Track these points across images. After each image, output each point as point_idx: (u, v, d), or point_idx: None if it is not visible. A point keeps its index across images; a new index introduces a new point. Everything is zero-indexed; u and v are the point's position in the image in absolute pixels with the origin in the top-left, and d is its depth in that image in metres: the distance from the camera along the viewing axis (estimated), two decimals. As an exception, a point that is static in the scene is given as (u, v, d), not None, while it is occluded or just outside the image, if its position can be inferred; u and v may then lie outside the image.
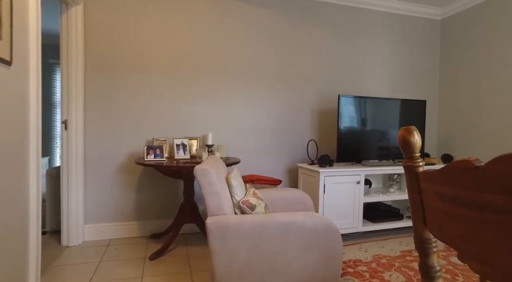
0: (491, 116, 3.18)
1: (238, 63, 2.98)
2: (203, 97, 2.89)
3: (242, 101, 3.01)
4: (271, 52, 3.08)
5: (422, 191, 0.52)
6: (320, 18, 3.24)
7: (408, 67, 3.66)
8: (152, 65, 2.74)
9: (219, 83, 2.92)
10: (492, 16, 3.17)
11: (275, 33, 3.08)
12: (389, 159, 3.06)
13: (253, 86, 3.03)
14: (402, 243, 2.67)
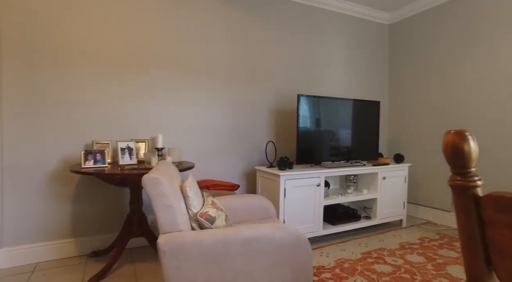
0: (435, 117, 3.36)
1: (192, 59, 2.73)
2: (152, 95, 2.59)
3: (196, 100, 2.77)
4: (228, 48, 2.89)
5: (485, 222, 0.39)
6: (279, 15, 3.13)
7: (362, 69, 3.73)
8: (91, 56, 2.37)
9: (170, 79, 2.65)
10: (435, 24, 3.35)
11: (233, 29, 2.90)
12: (346, 159, 3.06)
13: (208, 84, 2.81)
14: (361, 244, 2.66)
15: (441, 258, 2.38)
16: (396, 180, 3.15)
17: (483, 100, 2.95)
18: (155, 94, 2.60)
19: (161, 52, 2.61)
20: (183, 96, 2.71)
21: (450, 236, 2.89)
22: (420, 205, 3.51)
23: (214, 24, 2.81)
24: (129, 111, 2.51)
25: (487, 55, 2.91)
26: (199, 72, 2.77)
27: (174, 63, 2.66)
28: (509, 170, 2.76)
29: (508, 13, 2.75)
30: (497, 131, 2.84)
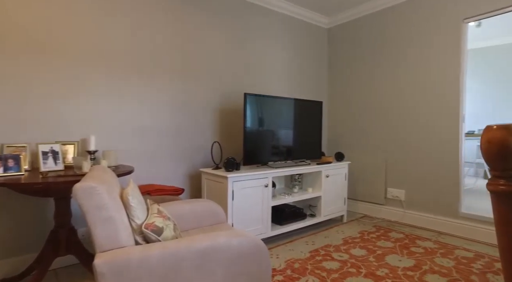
0: (371, 117, 3.60)
1: (132, 52, 2.47)
2: (82, 91, 2.27)
3: (134, 97, 2.51)
4: (172, 45, 2.68)
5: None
6: (225, 11, 3.03)
7: (305, 70, 3.82)
8: (3, 41, 1.97)
9: (105, 74, 2.35)
10: (370, 29, 3.60)
11: (176, 23, 2.70)
12: (292, 159, 3.09)
13: (148, 80, 2.57)
14: (308, 242, 2.70)
15: (380, 249, 2.53)
16: (338, 178, 3.28)
17: (416, 101, 3.24)
18: (85, 90, 2.28)
19: (95, 40, 2.30)
20: (120, 93, 2.43)
21: (385, 227, 3.11)
22: (358, 200, 3.73)
23: (156, 17, 2.59)
24: (55, 110, 2.15)
25: (419, 58, 3.21)
26: (139, 67, 2.51)
27: (110, 55, 2.37)
28: (435, 166, 3.08)
29: (436, 19, 3.07)
30: (427, 131, 3.15)
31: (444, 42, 2.98)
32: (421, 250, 2.51)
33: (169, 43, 2.68)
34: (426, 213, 3.13)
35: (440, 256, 2.39)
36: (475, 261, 2.31)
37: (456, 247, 2.58)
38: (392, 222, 3.30)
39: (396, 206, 3.37)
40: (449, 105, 2.95)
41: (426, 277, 2.04)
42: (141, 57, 2.53)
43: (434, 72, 3.06)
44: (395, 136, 3.38)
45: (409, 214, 3.25)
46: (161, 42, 2.63)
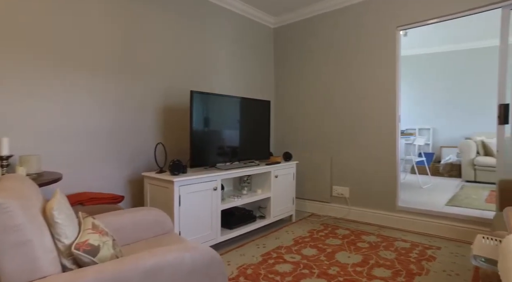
0: (316, 116, 3.68)
1: (58, 40, 2.12)
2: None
3: (61, 94, 2.17)
4: (108, 35, 2.38)
5: None
6: (172, 5, 2.80)
7: (252, 69, 3.76)
8: None
9: (22, 64, 1.98)
10: (315, 31, 3.68)
11: (114, 12, 2.40)
12: (240, 160, 2.99)
13: (78, 73, 2.25)
14: (259, 245, 2.63)
15: (329, 247, 2.57)
16: (286, 178, 3.28)
17: (358, 101, 3.38)
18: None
19: (8, 26, 1.91)
20: (45, 90, 2.07)
21: (332, 224, 3.20)
22: (305, 199, 3.78)
23: (89, 2, 2.27)
24: (-51, 104, 1.74)
25: (360, 61, 3.35)
26: (67, 58, 2.17)
27: (29, 43, 2.00)
28: (376, 163, 3.25)
29: (375, 25, 3.23)
30: (368, 131, 3.31)
31: (383, 47, 3.16)
32: (366, 245, 2.61)
33: (109, 35, 2.38)
34: (368, 209, 3.29)
35: (383, 249, 2.51)
36: (412, 251, 2.47)
37: (395, 239, 2.74)
38: (338, 219, 3.40)
39: (341, 203, 3.50)
40: (387, 106, 3.14)
41: (374, 272, 2.11)
42: (69, 46, 2.19)
43: (374, 74, 3.23)
44: (340, 136, 3.50)
45: (353, 210, 3.39)
46: (100, 33, 2.32)
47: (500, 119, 2.67)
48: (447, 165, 5.60)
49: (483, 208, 3.41)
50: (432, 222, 2.90)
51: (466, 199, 3.83)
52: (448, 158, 5.78)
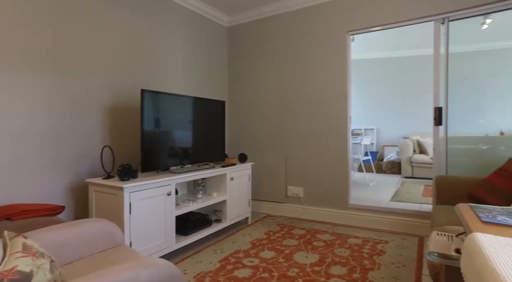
0: (271, 117, 3.70)
1: (-29, 27, 1.80)
2: None
3: (-18, 89, 1.86)
4: (41, 21, 2.10)
5: None
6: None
7: (206, 67, 3.64)
8: None
9: None
10: (270, 32, 3.68)
11: (53, 4, 2.13)
12: (195, 162, 2.87)
13: (10, 70, 1.94)
14: (216, 251, 2.54)
15: (287, 248, 2.58)
16: (242, 179, 3.24)
17: (312, 102, 3.46)
18: None
19: None
20: (-45, 82, 1.75)
21: (287, 225, 3.23)
22: (261, 200, 3.78)
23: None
24: None
25: (313, 62, 3.43)
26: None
27: None
28: (328, 163, 3.35)
29: (327, 28, 3.33)
30: (321, 130, 3.40)
31: (334, 50, 3.27)
32: (322, 244, 2.67)
33: (42, 23, 2.09)
34: (322, 207, 3.39)
35: (338, 247, 2.59)
36: (364, 247, 2.59)
37: (348, 236, 2.85)
38: (293, 219, 3.45)
39: (296, 203, 3.55)
40: (339, 108, 3.26)
41: (331, 270, 2.16)
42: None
43: (326, 77, 3.33)
44: (294, 136, 3.55)
45: (308, 209, 3.46)
46: (31, 23, 2.03)
47: (436, 121, 2.92)
48: (389, 163, 6.04)
49: (421, 201, 3.72)
50: (380, 218, 3.07)
51: (407, 194, 4.16)
52: (390, 156, 6.25)
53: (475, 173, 2.83)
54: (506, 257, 0.61)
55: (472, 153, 2.97)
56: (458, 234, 1.06)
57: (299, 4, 3.43)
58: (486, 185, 2.32)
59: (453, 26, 2.84)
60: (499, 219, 0.88)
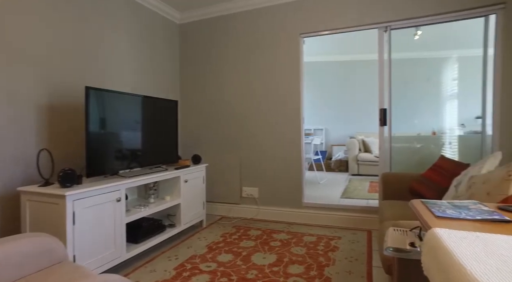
0: (225, 117, 3.65)
1: None
2: None
3: None
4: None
5: None
6: (46, -23, 2.30)
7: (159, 66, 3.46)
8: None
9: None
10: (224, 31, 3.63)
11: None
12: (147, 165, 2.71)
13: None
14: (171, 257, 2.42)
15: (244, 250, 2.56)
16: (196, 182, 3.14)
17: (266, 102, 3.47)
18: None
19: None
20: None
21: (243, 226, 3.21)
22: (215, 202, 3.70)
23: None
24: None
25: (268, 63, 3.45)
26: None
27: None
28: (283, 163, 3.40)
29: (281, 30, 3.37)
30: (275, 131, 3.43)
31: (288, 52, 3.33)
32: (279, 243, 2.69)
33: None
34: (277, 207, 3.43)
35: (294, 246, 2.63)
36: (319, 244, 2.67)
37: (303, 234, 2.92)
38: (248, 220, 3.44)
39: (251, 204, 3.55)
40: (293, 108, 3.34)
41: (289, 269, 2.18)
42: None
43: (280, 77, 3.38)
44: (248, 136, 3.55)
45: (263, 210, 3.48)
46: None
47: (381, 122, 3.13)
48: (337, 161, 6.36)
49: (367, 197, 3.97)
50: (332, 215, 3.21)
51: (355, 191, 4.41)
52: (338, 155, 6.58)
53: (415, 169, 3.10)
54: (465, 250, 0.65)
55: (411, 151, 3.25)
56: (412, 229, 1.13)
57: (253, 5, 3.43)
58: (423, 180, 2.55)
59: (394, 34, 3.06)
60: (449, 213, 0.95)
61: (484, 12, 2.74)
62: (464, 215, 0.93)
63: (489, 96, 2.80)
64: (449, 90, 3.89)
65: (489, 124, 2.81)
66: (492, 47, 2.75)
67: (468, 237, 0.73)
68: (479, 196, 1.68)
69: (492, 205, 1.08)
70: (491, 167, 1.97)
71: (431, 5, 2.80)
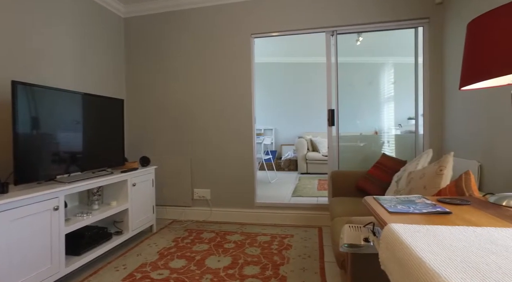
0: (175, 116, 3.51)
1: None
2: None
3: None
4: None
5: None
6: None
7: (102, 62, 3.20)
8: None
9: None
10: (173, 28, 3.49)
11: None
12: (89, 169, 2.49)
13: None
14: (118, 267, 2.25)
15: (197, 254, 2.48)
16: (145, 185, 2.97)
17: (217, 102, 3.41)
18: None
19: None
20: None
21: (196, 229, 3.12)
22: (166, 206, 3.54)
23: None
24: None
25: (219, 62, 3.39)
26: None
27: None
28: (235, 163, 3.37)
29: (232, 30, 3.34)
30: (227, 131, 3.39)
31: (239, 52, 3.32)
32: (233, 245, 2.66)
33: None
34: (230, 208, 3.40)
35: (249, 246, 2.63)
36: (272, 243, 2.70)
37: (257, 234, 2.93)
38: (201, 222, 3.35)
39: (203, 206, 3.47)
40: (244, 108, 3.33)
41: (244, 271, 2.17)
42: None
43: (231, 77, 3.35)
44: (199, 137, 3.46)
45: (215, 211, 3.42)
46: None
47: (329, 122, 3.27)
48: (287, 161, 6.53)
49: (317, 195, 4.14)
50: (284, 213, 3.27)
51: (305, 189, 4.57)
52: (287, 155, 6.76)
53: (360, 165, 3.30)
54: (420, 243, 0.69)
55: (355, 149, 3.45)
56: (365, 225, 1.19)
57: (204, 2, 3.35)
58: (368, 176, 2.72)
59: (340, 39, 3.23)
60: (400, 208, 1.01)
61: (414, 24, 3.03)
62: (412, 209, 1.00)
63: (420, 99, 3.09)
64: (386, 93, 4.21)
65: (421, 124, 3.11)
66: (421, 56, 3.05)
67: (420, 231, 0.78)
68: (418, 190, 1.84)
69: (433, 198, 1.17)
70: (425, 163, 2.17)
71: (373, 14, 3.01)
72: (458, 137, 2.58)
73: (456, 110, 2.61)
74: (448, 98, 2.77)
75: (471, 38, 1.12)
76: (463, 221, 0.89)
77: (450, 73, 2.71)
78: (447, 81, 2.79)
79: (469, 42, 1.13)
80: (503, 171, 1.94)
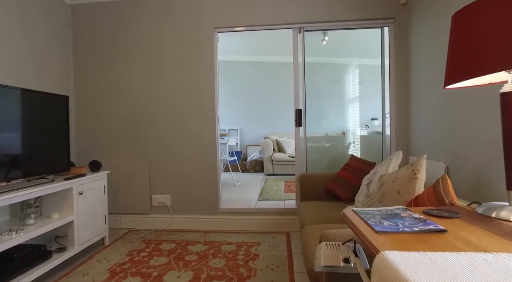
0: (130, 116, 3.19)
1: None
2: None
3: None
4: None
5: None
6: None
7: (44, 54, 2.78)
8: None
9: None
10: (128, 19, 3.16)
11: None
12: (24, 176, 2.12)
13: None
14: (58, 292, 1.93)
15: (155, 269, 2.22)
16: (95, 192, 2.64)
17: (176, 103, 3.14)
18: None
19: None
20: None
21: (154, 239, 2.84)
22: (120, 214, 3.21)
23: None
24: None
25: (178, 60, 3.12)
26: None
27: None
28: (197, 167, 3.13)
29: (193, 24, 3.08)
30: (187, 133, 3.13)
31: (201, 47, 3.08)
32: (195, 257, 2.43)
33: None
34: (192, 215, 3.15)
35: (212, 258, 2.41)
36: (238, 253, 2.51)
37: (221, 243, 2.72)
38: (160, 231, 3.07)
39: (163, 213, 3.19)
40: (206, 108, 3.10)
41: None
42: None
43: (192, 74, 3.10)
44: (158, 139, 3.17)
45: (176, 218, 3.16)
46: None
47: (297, 122, 3.15)
48: (252, 162, 6.37)
49: (284, 198, 4.01)
50: (250, 219, 3.09)
51: (271, 192, 4.43)
52: (253, 156, 6.60)
53: (327, 167, 3.21)
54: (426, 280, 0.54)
55: (322, 150, 3.37)
56: (344, 242, 1.04)
57: (162, -9, 3.07)
58: (338, 179, 2.63)
59: (307, 37, 3.12)
60: (387, 226, 0.87)
61: (380, 24, 3.00)
62: (402, 227, 0.86)
63: (387, 100, 3.07)
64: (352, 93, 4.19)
65: (387, 125, 3.09)
66: (387, 57, 3.03)
67: (423, 261, 0.63)
68: (391, 195, 1.74)
69: (418, 210, 1.06)
70: (396, 165, 2.11)
71: (340, 12, 2.93)
72: (424, 139, 2.57)
73: (422, 112, 2.60)
74: (414, 99, 2.77)
75: (457, 31, 1.01)
76: (463, 242, 0.76)
77: (416, 74, 2.70)
78: (412, 82, 2.78)
79: (454, 36, 1.03)
80: (469, 172, 1.92)
